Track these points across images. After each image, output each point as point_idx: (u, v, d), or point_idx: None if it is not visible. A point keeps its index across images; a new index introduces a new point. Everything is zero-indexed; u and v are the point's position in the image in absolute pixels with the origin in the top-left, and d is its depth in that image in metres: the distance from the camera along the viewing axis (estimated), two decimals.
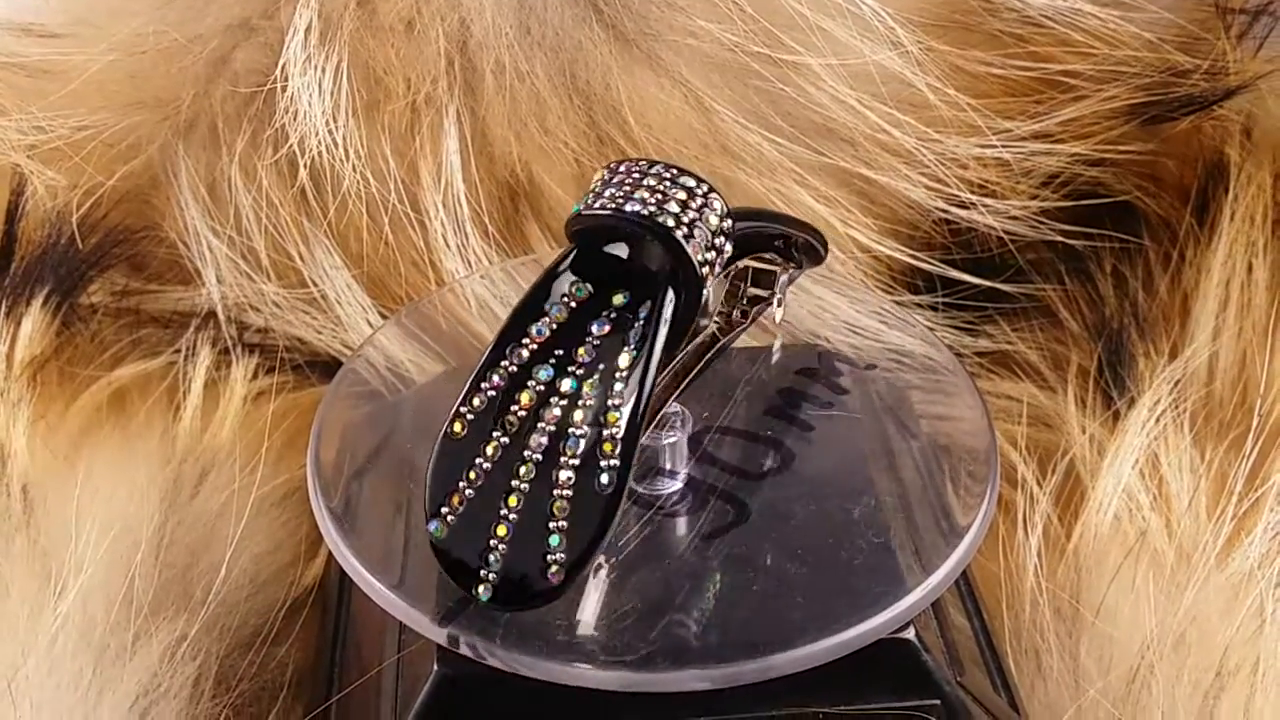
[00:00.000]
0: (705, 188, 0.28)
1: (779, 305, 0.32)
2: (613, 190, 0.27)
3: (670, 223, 0.27)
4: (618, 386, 0.26)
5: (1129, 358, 0.38)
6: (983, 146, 0.39)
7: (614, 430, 0.26)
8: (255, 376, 0.39)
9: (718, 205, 0.28)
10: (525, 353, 0.26)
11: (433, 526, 0.26)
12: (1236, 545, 0.32)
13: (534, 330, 0.26)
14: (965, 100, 0.38)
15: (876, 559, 0.28)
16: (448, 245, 0.39)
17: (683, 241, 0.27)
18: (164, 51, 0.39)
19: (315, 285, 0.40)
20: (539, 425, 0.26)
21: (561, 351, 0.26)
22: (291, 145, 0.38)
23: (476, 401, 0.26)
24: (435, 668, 0.27)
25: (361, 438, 0.32)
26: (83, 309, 0.39)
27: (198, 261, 0.40)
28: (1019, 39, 0.39)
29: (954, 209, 0.40)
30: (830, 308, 0.36)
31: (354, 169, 0.38)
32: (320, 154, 0.38)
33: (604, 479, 0.26)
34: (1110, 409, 0.37)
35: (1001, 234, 0.40)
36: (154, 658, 0.31)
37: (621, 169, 0.28)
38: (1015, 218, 0.40)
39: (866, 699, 0.27)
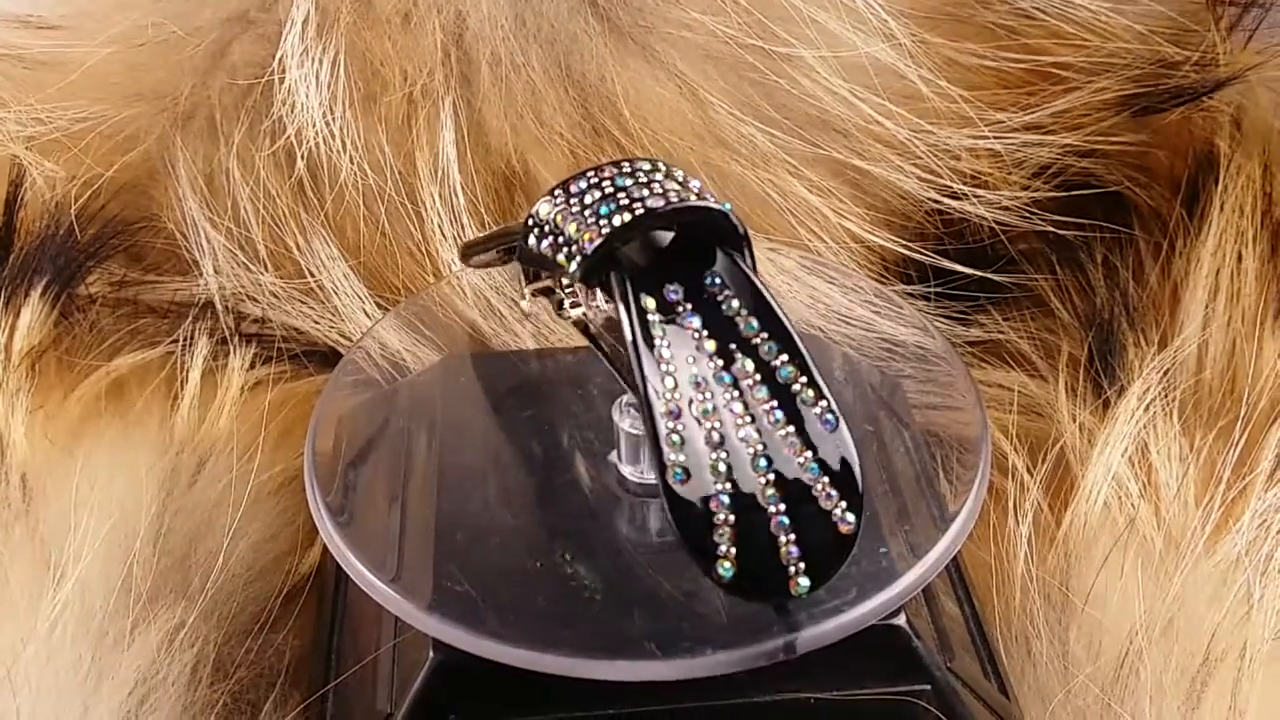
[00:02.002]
0: (663, 164, 0.28)
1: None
2: (606, 207, 0.27)
3: (693, 199, 0.27)
4: (765, 347, 0.26)
5: (1119, 347, 0.38)
6: (975, 138, 0.39)
7: (800, 378, 0.26)
8: (253, 366, 0.39)
9: (679, 172, 0.28)
10: (671, 380, 0.26)
11: (722, 571, 0.26)
12: (1224, 532, 0.32)
13: (661, 355, 0.26)
14: (957, 92, 0.39)
15: (868, 545, 0.28)
16: (444, 236, 0.39)
17: (719, 207, 0.27)
18: (162, 44, 0.39)
19: (312, 276, 0.40)
20: (737, 424, 0.26)
21: (691, 357, 0.26)
22: (289, 137, 0.38)
23: (675, 443, 0.26)
24: (431, 654, 0.27)
25: (358, 428, 0.33)
26: (81, 299, 0.39)
27: (195, 252, 0.40)
28: (1011, 31, 0.39)
29: (946, 200, 0.40)
30: (823, 298, 0.37)
31: (351, 160, 0.38)
32: (317, 145, 0.38)
33: (829, 419, 0.26)
34: (1100, 398, 0.37)
35: (993, 224, 0.40)
36: (152, 645, 0.31)
37: (574, 191, 0.28)
38: (1007, 208, 0.40)
39: (858, 684, 0.27)
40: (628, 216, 0.27)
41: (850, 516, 0.26)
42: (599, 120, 0.39)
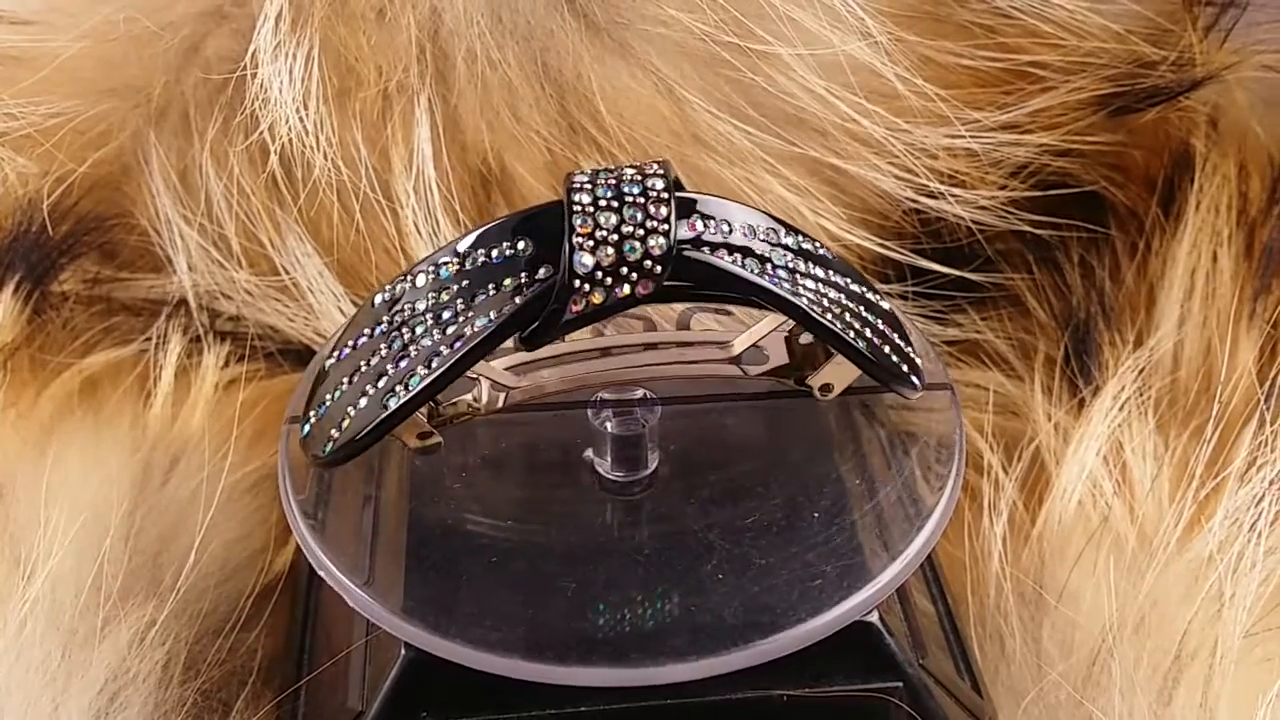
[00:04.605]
0: (597, 166, 0.29)
1: None
2: (635, 213, 0.27)
3: (655, 165, 0.28)
4: (772, 238, 0.28)
5: (1095, 346, 0.38)
6: (952, 137, 0.39)
7: (805, 244, 0.29)
8: (226, 364, 0.39)
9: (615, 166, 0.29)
10: (792, 290, 0.28)
11: (916, 381, 0.30)
12: (1196, 530, 0.32)
13: (774, 277, 0.28)
14: (934, 91, 0.39)
15: (842, 544, 0.28)
16: (419, 233, 0.39)
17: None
18: (135, 38, 0.38)
19: (287, 273, 0.40)
20: (827, 290, 0.29)
21: (765, 275, 0.28)
22: (262, 132, 0.38)
23: (840, 327, 0.29)
24: (403, 652, 0.27)
25: None
26: (54, 296, 0.39)
27: (169, 249, 0.40)
28: (988, 30, 0.39)
29: (923, 199, 0.40)
30: None
31: (325, 156, 0.38)
32: (291, 141, 0.38)
33: (828, 257, 0.29)
34: (1076, 397, 0.37)
35: (970, 224, 0.40)
36: (123, 643, 0.31)
37: (587, 230, 0.27)
38: (984, 208, 0.40)
39: (830, 682, 0.27)
40: (664, 210, 0.27)
41: (884, 300, 0.30)
42: (575, 118, 0.39)
